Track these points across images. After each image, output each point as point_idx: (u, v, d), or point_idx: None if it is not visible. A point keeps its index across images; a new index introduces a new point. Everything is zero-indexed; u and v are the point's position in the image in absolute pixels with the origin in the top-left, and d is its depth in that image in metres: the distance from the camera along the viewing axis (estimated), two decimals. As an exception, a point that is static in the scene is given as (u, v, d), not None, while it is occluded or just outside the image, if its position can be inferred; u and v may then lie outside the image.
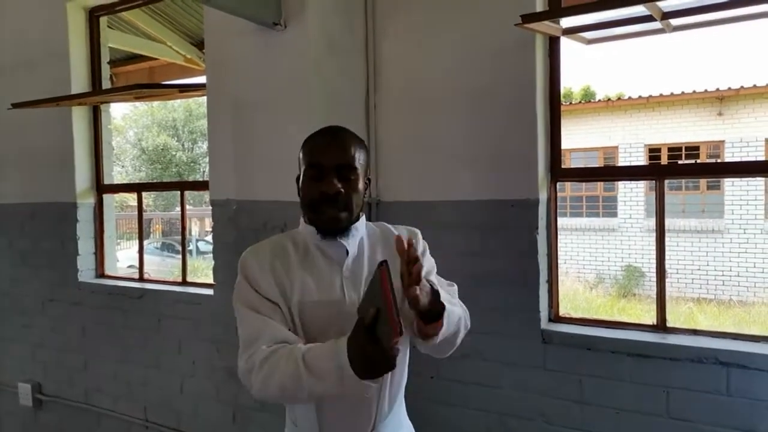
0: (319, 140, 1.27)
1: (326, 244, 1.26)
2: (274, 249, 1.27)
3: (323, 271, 1.25)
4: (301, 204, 1.26)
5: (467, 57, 2.32)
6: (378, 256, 1.29)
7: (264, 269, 1.23)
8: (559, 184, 2.33)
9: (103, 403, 3.33)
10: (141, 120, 21.65)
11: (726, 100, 10.35)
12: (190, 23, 3.96)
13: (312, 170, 1.22)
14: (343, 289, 1.24)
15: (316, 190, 1.21)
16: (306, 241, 1.28)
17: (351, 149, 1.24)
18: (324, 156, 1.23)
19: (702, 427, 1.92)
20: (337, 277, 1.25)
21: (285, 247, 1.28)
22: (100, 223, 3.46)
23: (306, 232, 1.29)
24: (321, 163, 1.22)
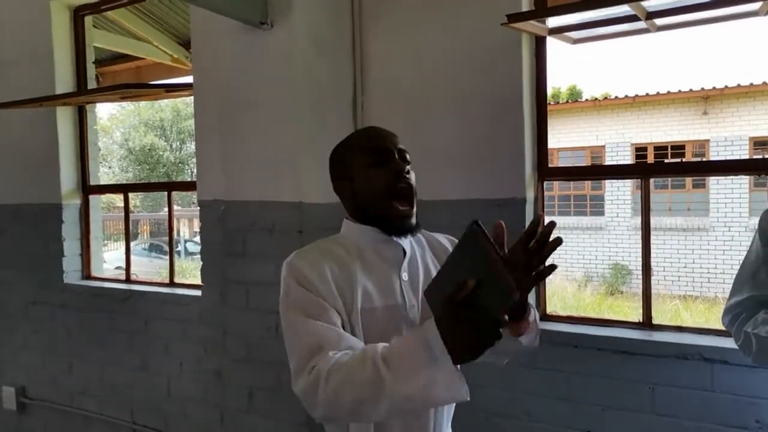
0: (368, 131, 1.24)
1: (383, 245, 1.18)
2: (325, 254, 1.16)
3: (382, 274, 1.16)
4: (364, 199, 1.17)
5: (454, 56, 2.33)
6: (428, 260, 1.23)
7: (321, 274, 1.10)
8: (546, 183, 2.35)
9: (89, 406, 3.29)
10: (128, 120, 21.46)
11: (711, 100, 10.47)
12: (177, 23, 3.93)
13: (375, 156, 1.16)
14: (402, 293, 1.16)
15: (384, 175, 1.14)
16: (358, 244, 1.19)
17: None
18: (385, 140, 1.18)
19: (687, 423, 1.94)
20: (396, 280, 1.16)
21: (337, 252, 1.17)
22: (86, 224, 3.42)
23: (358, 233, 1.20)
24: (384, 147, 1.17)
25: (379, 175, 1.15)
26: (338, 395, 0.94)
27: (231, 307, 2.42)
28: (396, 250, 1.19)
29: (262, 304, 2.34)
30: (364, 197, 1.17)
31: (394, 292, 1.15)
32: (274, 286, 2.27)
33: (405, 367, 0.90)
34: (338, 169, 1.24)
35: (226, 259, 2.43)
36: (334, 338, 1.02)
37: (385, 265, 1.17)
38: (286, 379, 2.27)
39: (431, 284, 1.02)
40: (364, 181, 1.17)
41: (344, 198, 1.23)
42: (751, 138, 10.21)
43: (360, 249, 1.18)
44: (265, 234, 2.32)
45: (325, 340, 1.01)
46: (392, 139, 1.20)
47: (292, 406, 2.29)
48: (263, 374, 2.35)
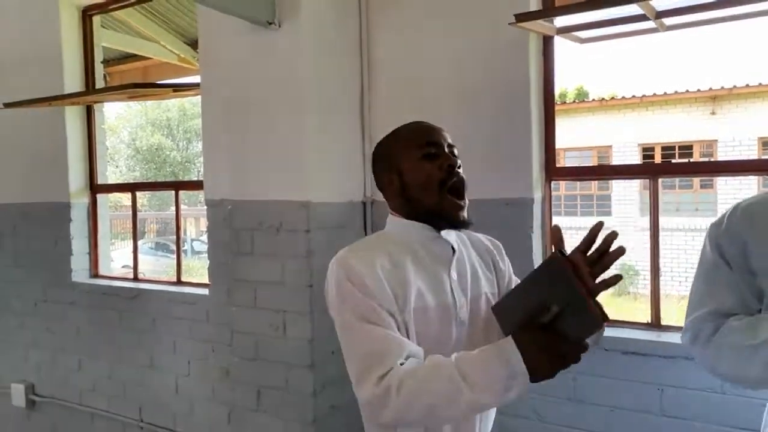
0: (418, 125, 1.22)
1: (433, 242, 1.16)
2: (376, 252, 1.13)
3: (432, 272, 1.14)
4: (415, 192, 1.15)
5: (461, 56, 2.32)
6: (473, 259, 1.23)
7: (375, 274, 1.07)
8: (553, 183, 2.34)
9: (98, 404, 3.31)
10: (135, 119, 21.57)
11: (719, 100, 10.41)
12: (184, 22, 3.95)
13: (428, 149, 1.15)
14: (452, 292, 1.15)
15: (437, 168, 1.13)
16: (407, 241, 1.16)
17: None
18: (436, 134, 1.18)
19: (696, 425, 1.93)
20: (446, 278, 1.15)
21: (388, 249, 1.14)
22: (94, 222, 3.44)
23: (406, 229, 1.18)
24: (435, 141, 1.16)
25: (431, 168, 1.13)
26: (411, 405, 0.96)
27: (238, 306, 2.43)
28: (445, 248, 1.17)
29: (269, 303, 2.35)
30: (415, 190, 1.15)
31: (444, 291, 1.14)
32: (282, 285, 2.30)
33: (483, 381, 0.93)
34: (385, 162, 1.21)
35: (234, 258, 2.44)
36: (395, 345, 1.01)
37: (435, 263, 1.15)
38: (293, 377, 2.29)
39: (502, 301, 1.06)
40: (415, 174, 1.14)
41: (391, 192, 1.20)
42: (759, 138, 10.13)
43: (410, 246, 1.15)
44: (272, 233, 2.33)
45: (388, 348, 1.01)
46: (442, 133, 1.19)
47: (300, 404, 2.29)
48: (271, 373, 2.35)
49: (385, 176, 1.21)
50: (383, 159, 1.23)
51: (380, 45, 2.52)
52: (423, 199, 1.14)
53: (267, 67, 2.31)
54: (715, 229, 1.21)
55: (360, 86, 2.53)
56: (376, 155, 1.26)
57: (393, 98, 2.50)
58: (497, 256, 1.30)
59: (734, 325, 1.11)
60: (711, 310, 1.16)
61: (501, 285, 1.27)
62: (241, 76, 2.39)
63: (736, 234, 1.15)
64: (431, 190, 1.13)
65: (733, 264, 1.15)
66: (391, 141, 1.23)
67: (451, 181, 1.13)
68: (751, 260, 1.13)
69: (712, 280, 1.19)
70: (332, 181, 2.39)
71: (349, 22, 2.48)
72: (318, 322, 2.27)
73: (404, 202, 1.18)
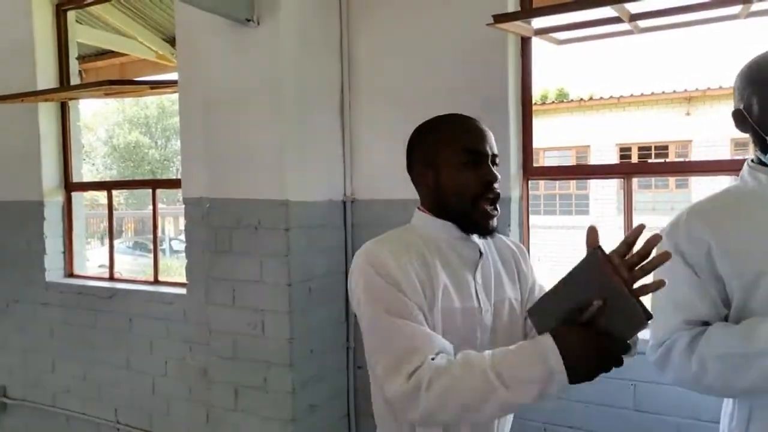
0: (465, 124, 1.13)
1: (461, 243, 1.13)
2: (405, 245, 1.09)
3: (458, 273, 1.11)
4: (448, 195, 1.11)
5: (441, 56, 2.34)
6: (498, 263, 1.19)
7: (403, 267, 1.04)
8: (532, 182, 2.37)
9: (72, 406, 3.26)
10: (112, 117, 21.20)
11: (694, 101, 10.64)
12: (162, 18, 3.89)
13: (468, 156, 1.09)
14: (477, 295, 1.12)
15: (475, 179, 1.09)
16: (435, 239, 1.13)
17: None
18: (482, 142, 1.10)
19: (667, 419, 1.97)
20: (471, 281, 1.12)
21: (416, 244, 1.10)
22: (69, 221, 3.38)
23: (434, 227, 1.14)
24: (480, 150, 1.10)
25: (469, 177, 1.09)
26: (443, 402, 0.92)
27: (216, 305, 2.41)
28: (473, 250, 1.14)
29: (248, 302, 2.33)
30: (449, 193, 1.11)
31: (470, 294, 1.11)
32: (261, 284, 2.29)
33: (519, 379, 0.90)
34: (423, 156, 1.15)
35: (212, 256, 2.42)
36: (425, 340, 0.98)
37: (461, 265, 1.12)
38: (272, 376, 2.28)
39: (539, 302, 1.02)
40: (452, 179, 1.10)
41: (424, 186, 1.16)
42: (732, 139, 10.37)
43: (438, 244, 1.12)
44: (250, 232, 2.32)
45: (418, 343, 0.97)
46: (489, 140, 1.12)
47: (278, 403, 2.29)
48: (249, 372, 2.34)
49: (420, 168, 1.15)
50: (420, 151, 1.16)
51: (360, 44, 2.52)
52: (454, 204, 1.11)
53: (246, 64, 2.30)
54: (674, 233, 1.14)
55: (340, 84, 2.53)
56: (412, 143, 1.19)
57: (373, 97, 2.50)
58: (521, 261, 1.26)
59: (718, 333, 1.05)
60: (684, 320, 1.09)
61: (524, 290, 1.23)
62: (220, 73, 2.37)
63: (698, 239, 1.10)
64: (465, 199, 1.10)
65: (699, 270, 1.10)
66: (431, 134, 1.14)
67: (487, 197, 1.10)
68: (716, 265, 1.08)
69: (680, 289, 1.10)
70: (312, 179, 2.38)
71: (329, 20, 2.48)
72: (297, 321, 2.27)
73: (435, 200, 1.14)
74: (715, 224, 1.10)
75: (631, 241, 0.94)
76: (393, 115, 2.45)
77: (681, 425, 1.95)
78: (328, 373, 2.47)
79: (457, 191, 1.10)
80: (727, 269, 1.08)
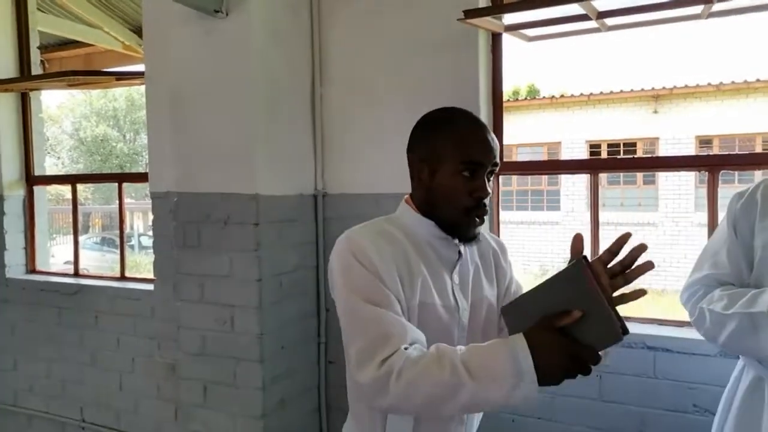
0: (474, 131, 1.10)
1: (441, 242, 1.13)
2: (386, 236, 1.09)
3: (436, 271, 1.11)
4: (437, 198, 1.11)
5: (413, 50, 2.33)
6: (476, 260, 1.19)
7: (384, 256, 1.04)
8: (505, 178, 2.39)
9: (35, 405, 3.17)
10: (78, 109, 20.63)
11: (661, 99, 10.87)
12: (130, 9, 3.80)
13: (466, 167, 1.07)
14: (454, 294, 1.12)
15: (467, 192, 1.08)
16: (416, 234, 1.13)
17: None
18: (484, 154, 1.08)
19: (632, 409, 2.02)
20: (447, 280, 1.12)
21: (397, 237, 1.10)
22: (31, 216, 3.28)
23: (417, 222, 1.13)
24: (481, 162, 1.07)
25: (463, 188, 1.08)
26: (411, 392, 0.93)
27: (185, 301, 2.37)
28: (452, 251, 1.14)
29: (216, 298, 2.30)
30: (440, 196, 1.10)
31: (447, 293, 1.11)
32: (230, 279, 2.26)
33: (487, 376, 0.90)
34: (423, 148, 1.13)
35: (180, 251, 2.38)
36: (400, 329, 0.98)
37: (440, 263, 1.12)
38: (241, 372, 2.26)
39: (514, 302, 1.04)
40: (446, 183, 1.09)
41: (417, 180, 1.14)
42: (697, 136, 10.66)
43: (419, 240, 1.12)
44: (219, 226, 2.28)
45: (392, 331, 0.97)
46: (492, 151, 1.09)
47: (248, 399, 2.27)
48: (218, 368, 2.31)
49: (418, 162, 1.13)
50: (423, 141, 1.13)
51: (332, 36, 2.50)
52: (443, 207, 1.10)
53: (214, 56, 2.26)
54: (736, 200, 1.30)
55: (311, 77, 2.51)
56: (419, 129, 1.16)
57: (345, 90, 2.49)
58: (501, 258, 1.26)
59: (720, 294, 1.24)
60: (708, 274, 1.30)
61: (501, 286, 1.24)
62: (188, 65, 2.32)
63: (751, 210, 1.25)
64: (453, 208, 1.09)
65: (740, 237, 1.27)
66: (439, 130, 1.11)
67: (475, 212, 1.10)
68: (755, 238, 1.24)
69: (720, 247, 1.30)
70: (282, 173, 2.36)
71: (299, 12, 2.45)
72: (267, 317, 2.25)
73: (425, 197, 1.13)
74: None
75: (615, 250, 0.95)
76: (364, 109, 2.44)
77: (645, 414, 2.01)
78: (299, 369, 2.46)
79: (448, 197, 1.09)
80: (759, 242, 1.23)
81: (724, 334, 1.21)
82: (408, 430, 1.09)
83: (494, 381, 0.89)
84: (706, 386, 1.91)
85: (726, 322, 1.20)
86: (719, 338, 1.23)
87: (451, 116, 1.13)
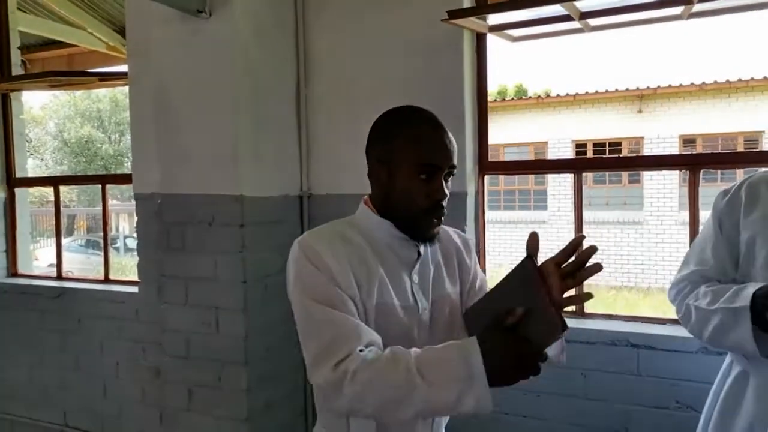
0: (432, 133, 1.07)
1: (399, 242, 1.11)
2: (342, 238, 1.08)
3: (395, 272, 1.10)
4: (395, 199, 1.08)
5: (397, 50, 2.34)
6: (438, 258, 1.18)
7: (339, 259, 1.03)
8: (492, 177, 2.40)
9: (17, 410, 3.13)
10: (62, 110, 20.37)
11: (645, 99, 10.98)
12: (113, 8, 3.76)
13: (423, 169, 1.05)
14: (414, 294, 1.11)
15: (425, 194, 1.06)
16: (374, 235, 1.11)
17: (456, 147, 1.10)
18: (441, 156, 1.06)
19: (617, 406, 2.04)
20: (407, 280, 1.11)
21: (354, 238, 1.09)
22: (12, 219, 3.24)
23: (376, 224, 1.12)
24: (439, 165, 1.06)
25: (420, 190, 1.06)
26: (365, 394, 0.93)
27: (169, 303, 2.35)
28: (411, 251, 1.13)
29: (201, 300, 2.29)
30: (397, 197, 1.08)
31: (406, 293, 1.10)
32: (215, 281, 2.24)
33: (440, 378, 0.90)
34: (381, 149, 1.11)
35: (164, 253, 2.36)
36: (355, 331, 0.97)
37: (398, 264, 1.11)
38: (226, 375, 2.24)
39: (474, 305, 1.07)
40: (403, 184, 1.07)
41: (375, 182, 1.13)
42: (681, 135, 10.78)
43: (376, 242, 1.11)
44: (204, 227, 2.27)
45: (347, 333, 0.97)
46: (449, 153, 1.07)
47: (233, 402, 2.25)
48: (203, 371, 2.30)
49: (376, 162, 1.12)
50: (380, 142, 1.12)
51: (317, 37, 2.49)
52: (400, 209, 1.09)
53: (198, 56, 2.24)
54: (721, 197, 1.33)
55: (296, 78, 2.50)
56: (376, 130, 1.14)
57: (330, 91, 2.48)
58: (464, 253, 1.25)
59: (705, 291, 1.26)
60: (695, 270, 1.33)
61: (465, 283, 1.23)
62: (171, 65, 2.30)
63: (736, 206, 1.27)
64: (411, 210, 1.07)
65: (725, 234, 1.29)
66: (396, 132, 1.09)
67: (433, 213, 1.08)
68: (740, 234, 1.26)
69: (706, 244, 1.33)
70: (267, 174, 2.35)
71: (284, 13, 2.44)
72: (252, 319, 2.24)
73: (383, 198, 1.12)
74: (754, 198, 1.26)
75: (569, 251, 0.97)
76: (350, 109, 2.44)
77: (630, 411, 2.02)
78: (284, 371, 2.44)
79: (406, 199, 1.07)
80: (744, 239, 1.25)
81: (709, 330, 1.23)
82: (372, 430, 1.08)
83: (446, 384, 0.90)
84: (688, 383, 1.93)
85: (710, 318, 1.22)
86: (704, 334, 1.26)
87: (408, 117, 1.11)
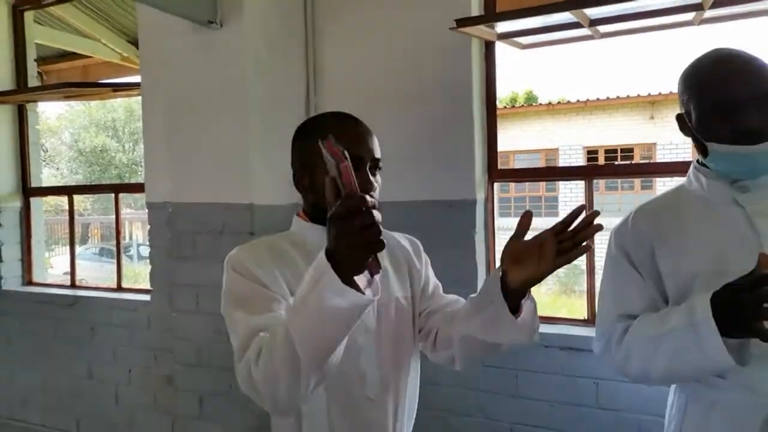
0: (352, 127, 1.08)
1: None
2: (271, 249, 1.08)
3: None
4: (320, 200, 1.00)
5: (406, 59, 2.34)
6: (385, 262, 1.14)
7: (263, 264, 1.03)
8: (503, 185, 2.39)
9: (31, 418, 3.16)
10: (78, 120, 20.67)
11: (657, 105, 10.92)
12: (127, 20, 3.82)
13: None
14: None
15: None
16: (307, 243, 1.10)
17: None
18: (360, 146, 1.05)
19: (629, 416, 2.01)
20: None
21: (284, 248, 1.09)
22: (28, 228, 3.28)
23: (310, 232, 1.11)
24: (359, 156, 1.03)
25: None
26: (269, 373, 0.87)
27: (180, 311, 2.37)
28: None
29: (212, 307, 2.30)
30: (322, 199, 1.01)
31: None
32: (223, 288, 2.25)
33: (298, 299, 0.84)
34: (299, 156, 1.11)
35: (175, 262, 2.38)
36: (268, 324, 0.93)
37: None
38: (237, 383, 2.24)
39: None
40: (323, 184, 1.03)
41: (301, 188, 1.12)
42: (694, 142, 10.68)
43: (310, 248, 1.07)
44: (215, 236, 2.28)
45: (260, 328, 0.93)
46: (368, 144, 1.07)
47: (244, 410, 2.25)
48: (214, 379, 2.30)
49: (299, 171, 1.11)
50: (297, 149, 1.12)
51: (326, 46, 2.51)
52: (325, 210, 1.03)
53: (209, 67, 2.27)
54: (621, 232, 1.19)
55: (305, 87, 2.51)
56: (293, 140, 1.14)
57: (339, 100, 2.49)
58: (413, 256, 1.24)
59: (642, 321, 1.09)
60: (621, 314, 1.14)
61: (417, 286, 1.21)
62: (183, 75, 2.33)
63: (643, 238, 1.14)
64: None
65: (642, 268, 1.13)
66: (312, 133, 1.08)
67: None
68: (658, 264, 1.11)
69: (621, 286, 1.16)
70: (277, 182, 2.36)
71: (293, 22, 2.46)
72: (263, 326, 2.24)
73: (312, 203, 1.11)
74: (658, 224, 1.14)
75: (568, 221, 0.98)
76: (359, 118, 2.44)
77: (642, 422, 1.99)
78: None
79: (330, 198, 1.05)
80: (667, 269, 1.11)
81: (660, 361, 1.02)
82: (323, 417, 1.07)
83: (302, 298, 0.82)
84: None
85: (659, 346, 1.02)
86: (653, 370, 1.05)
87: (317, 118, 1.13)
